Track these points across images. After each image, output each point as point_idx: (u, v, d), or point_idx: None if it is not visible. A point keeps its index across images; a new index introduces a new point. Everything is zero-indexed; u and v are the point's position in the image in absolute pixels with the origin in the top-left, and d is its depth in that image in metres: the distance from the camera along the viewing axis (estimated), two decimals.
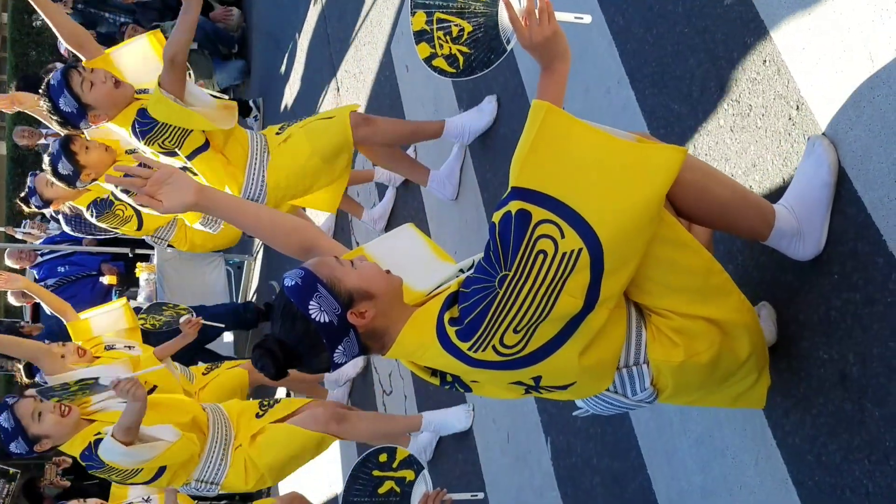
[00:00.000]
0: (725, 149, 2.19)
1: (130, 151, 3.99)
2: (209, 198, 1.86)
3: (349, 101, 4.74)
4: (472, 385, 1.80)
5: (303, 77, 5.88)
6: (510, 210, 1.55)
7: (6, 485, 7.41)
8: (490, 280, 1.58)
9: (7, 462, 8.14)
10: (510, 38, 1.95)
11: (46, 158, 3.96)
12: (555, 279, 1.55)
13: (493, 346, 1.61)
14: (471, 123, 3.28)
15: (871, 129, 1.80)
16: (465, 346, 1.62)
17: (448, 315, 1.65)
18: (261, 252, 6.36)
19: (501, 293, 1.57)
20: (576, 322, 1.60)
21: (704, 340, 1.69)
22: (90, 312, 4.07)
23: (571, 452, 2.76)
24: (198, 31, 5.78)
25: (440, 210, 3.67)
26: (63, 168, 3.86)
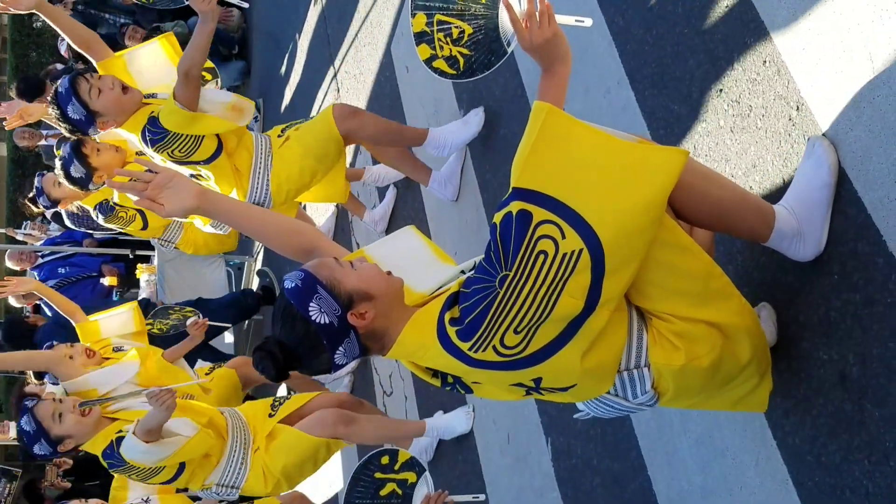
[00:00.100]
0: (725, 149, 2.19)
1: (141, 153, 4.00)
2: (210, 201, 1.86)
3: (349, 102, 4.73)
4: (474, 386, 1.80)
5: (303, 77, 5.88)
6: (511, 210, 1.56)
7: (7, 485, 7.40)
8: (491, 280, 1.58)
9: (10, 462, 8.15)
10: (510, 40, 1.95)
11: (58, 163, 3.98)
12: (555, 280, 1.55)
13: (494, 347, 1.61)
14: (453, 138, 3.32)
15: (871, 130, 1.80)
16: (466, 347, 1.62)
17: (449, 315, 1.65)
18: (261, 253, 6.36)
19: (502, 293, 1.57)
20: (577, 324, 1.60)
21: (705, 344, 1.69)
22: (99, 315, 4.07)
23: (572, 453, 2.76)
24: None
25: (440, 211, 3.67)
26: (75, 171, 3.88)
